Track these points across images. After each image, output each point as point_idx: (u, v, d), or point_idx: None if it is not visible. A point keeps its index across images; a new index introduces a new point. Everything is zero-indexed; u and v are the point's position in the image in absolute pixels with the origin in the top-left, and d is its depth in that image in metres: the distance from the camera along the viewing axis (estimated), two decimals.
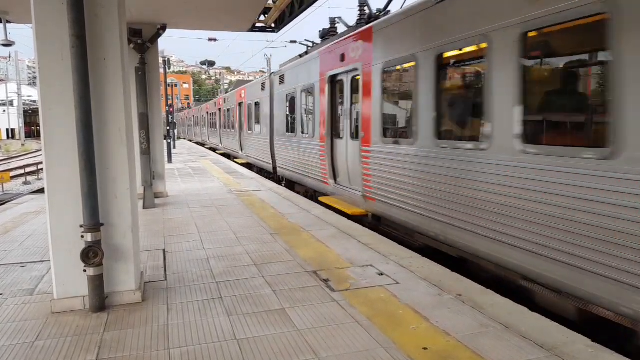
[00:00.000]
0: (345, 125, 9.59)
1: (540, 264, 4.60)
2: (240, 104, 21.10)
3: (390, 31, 7.49)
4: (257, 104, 17.37)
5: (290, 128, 13.16)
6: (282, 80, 13.99)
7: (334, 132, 10.22)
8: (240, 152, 21.30)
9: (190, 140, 46.62)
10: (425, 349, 3.57)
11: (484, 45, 5.30)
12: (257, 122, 17.42)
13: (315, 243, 6.62)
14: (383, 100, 7.77)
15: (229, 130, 24.70)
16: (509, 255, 4.99)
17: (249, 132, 18.92)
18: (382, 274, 5.24)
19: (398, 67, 7.34)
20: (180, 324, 4.08)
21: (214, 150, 30.49)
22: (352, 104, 9.29)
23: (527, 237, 4.72)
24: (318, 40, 13.81)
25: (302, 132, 12.07)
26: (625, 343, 4.03)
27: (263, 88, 16.44)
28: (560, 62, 4.87)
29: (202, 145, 37.63)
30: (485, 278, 5.55)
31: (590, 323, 4.32)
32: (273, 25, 11.44)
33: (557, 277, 4.43)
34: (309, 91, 11.56)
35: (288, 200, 10.21)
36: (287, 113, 13.32)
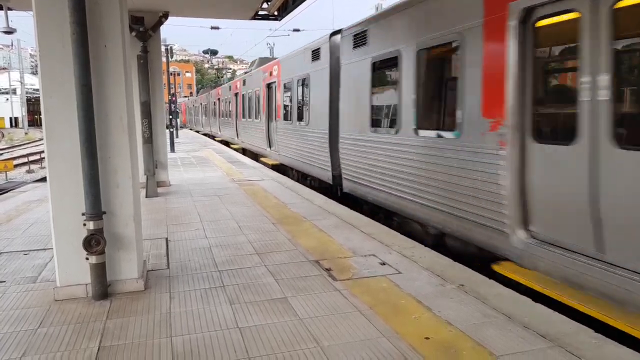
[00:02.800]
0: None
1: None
2: (270, 85, 16.06)
3: None
4: (302, 82, 12.24)
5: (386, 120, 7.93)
6: (362, 39, 8.45)
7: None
8: (268, 149, 16.45)
9: (199, 132, 41.61)
10: (427, 338, 3.56)
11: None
12: (303, 109, 12.40)
13: (318, 232, 6.61)
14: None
15: (249, 120, 19.71)
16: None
17: (287, 122, 13.91)
18: (384, 264, 5.23)
19: None
20: (182, 312, 4.08)
21: (227, 144, 26.10)
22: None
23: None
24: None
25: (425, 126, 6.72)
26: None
27: (316, 58, 11.24)
28: None
29: (213, 137, 32.82)
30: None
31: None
32: (276, 13, 11.31)
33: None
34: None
35: (291, 190, 10.19)
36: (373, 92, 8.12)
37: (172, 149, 20.73)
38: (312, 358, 3.32)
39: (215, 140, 30.21)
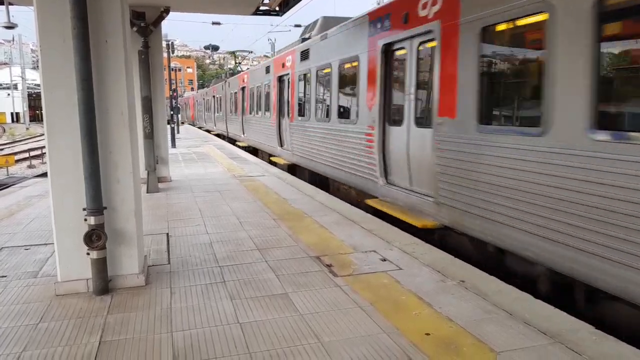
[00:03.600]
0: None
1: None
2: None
3: None
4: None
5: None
6: None
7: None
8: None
9: (211, 132, 33.38)
10: (427, 334, 3.56)
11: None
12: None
13: (319, 228, 6.61)
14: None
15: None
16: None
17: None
18: (385, 260, 5.23)
19: None
20: (183, 307, 4.09)
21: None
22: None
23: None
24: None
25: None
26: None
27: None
28: None
29: (231, 141, 26.25)
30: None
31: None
32: (277, 8, 11.28)
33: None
34: None
35: (292, 186, 10.19)
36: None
37: (173, 145, 20.73)
38: (312, 353, 3.32)
39: (238, 146, 21.03)
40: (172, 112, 27.27)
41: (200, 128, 42.19)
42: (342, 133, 9.56)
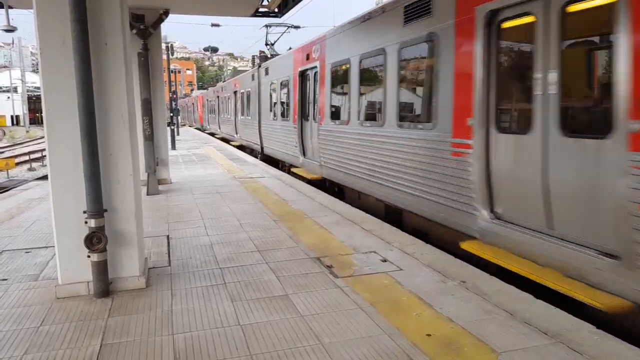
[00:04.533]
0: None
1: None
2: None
3: None
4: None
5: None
6: None
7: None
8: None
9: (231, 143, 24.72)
10: (428, 335, 3.56)
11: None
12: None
13: (319, 229, 6.61)
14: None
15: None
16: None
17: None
18: (385, 261, 5.23)
19: None
20: (184, 309, 4.09)
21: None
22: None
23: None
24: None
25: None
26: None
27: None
28: None
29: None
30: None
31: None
32: (276, 9, 11.30)
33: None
34: None
35: (291, 187, 10.19)
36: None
37: (173, 147, 20.74)
38: (313, 355, 3.32)
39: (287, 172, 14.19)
40: (171, 114, 27.27)
41: (212, 135, 31.56)
42: (408, 142, 6.94)
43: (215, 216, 7.53)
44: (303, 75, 12.26)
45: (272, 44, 20.15)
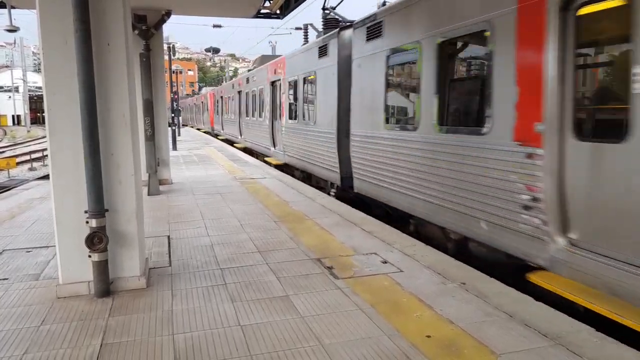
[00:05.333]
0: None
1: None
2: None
3: None
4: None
5: None
6: None
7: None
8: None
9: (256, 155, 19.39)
10: (428, 336, 3.57)
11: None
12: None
13: (319, 230, 6.62)
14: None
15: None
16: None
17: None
18: (385, 262, 5.24)
19: None
20: (184, 309, 4.09)
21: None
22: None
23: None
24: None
25: None
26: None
27: None
28: None
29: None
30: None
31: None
32: (278, 11, 11.32)
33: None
34: None
35: (292, 188, 10.20)
36: None
37: (174, 147, 20.75)
38: (313, 356, 3.33)
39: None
40: (173, 115, 27.30)
41: (232, 144, 23.77)
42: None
43: (216, 217, 7.54)
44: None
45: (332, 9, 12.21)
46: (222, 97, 28.62)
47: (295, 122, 12.98)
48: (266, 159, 16.07)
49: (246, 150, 20.64)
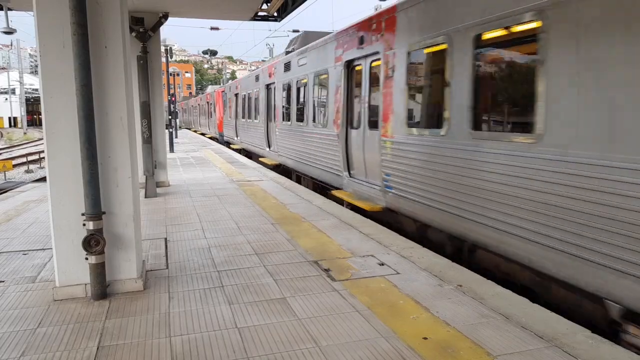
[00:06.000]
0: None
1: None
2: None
3: None
4: None
5: None
6: None
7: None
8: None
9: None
10: (425, 338, 3.58)
11: None
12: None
13: (317, 233, 6.63)
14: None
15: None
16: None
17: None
18: (382, 264, 5.25)
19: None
20: (181, 312, 4.10)
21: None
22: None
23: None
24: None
25: None
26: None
27: None
28: None
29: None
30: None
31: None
32: (275, 14, 11.35)
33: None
34: None
35: (290, 191, 10.21)
36: None
37: (172, 150, 20.73)
38: (310, 358, 3.33)
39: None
40: (170, 117, 27.29)
41: (249, 157, 19.17)
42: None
43: (213, 219, 7.54)
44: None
45: None
46: (237, 94, 21.66)
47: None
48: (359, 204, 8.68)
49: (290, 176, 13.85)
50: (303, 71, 12.13)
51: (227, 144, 25.70)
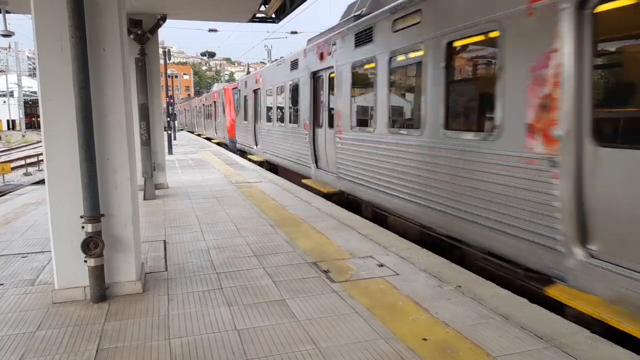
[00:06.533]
0: None
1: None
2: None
3: None
4: None
5: None
6: None
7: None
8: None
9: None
10: (424, 339, 3.58)
11: None
12: None
13: (316, 234, 6.63)
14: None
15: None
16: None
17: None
18: (382, 265, 5.25)
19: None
20: (180, 314, 4.09)
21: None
22: None
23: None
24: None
25: None
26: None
27: None
28: None
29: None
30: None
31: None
32: (274, 15, 11.36)
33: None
34: None
35: (288, 192, 10.21)
36: None
37: (170, 151, 20.72)
38: (309, 359, 3.33)
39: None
40: (168, 119, 27.28)
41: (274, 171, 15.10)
42: None
43: (212, 221, 7.53)
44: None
45: None
46: (257, 90, 17.43)
47: None
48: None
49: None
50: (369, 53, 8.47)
51: (241, 152, 21.19)
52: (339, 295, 4.45)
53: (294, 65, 12.78)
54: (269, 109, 15.89)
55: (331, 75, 10.21)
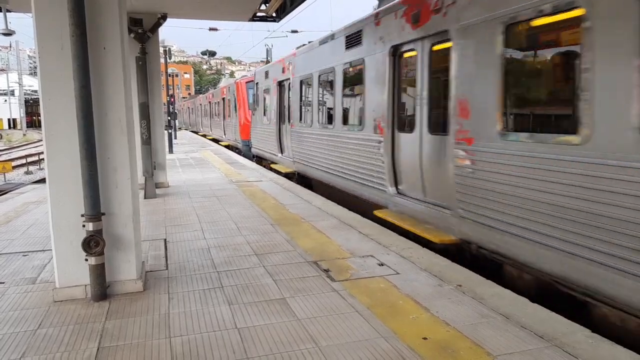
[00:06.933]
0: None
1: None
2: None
3: None
4: None
5: None
6: None
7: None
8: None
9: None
10: (425, 338, 3.58)
11: None
12: None
13: (316, 233, 6.63)
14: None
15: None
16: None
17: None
18: (382, 265, 5.25)
19: None
20: (181, 312, 4.10)
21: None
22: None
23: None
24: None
25: None
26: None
27: None
28: None
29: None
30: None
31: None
32: (274, 14, 11.36)
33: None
34: None
35: (289, 191, 10.21)
36: None
37: (171, 150, 20.74)
38: (310, 358, 3.34)
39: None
40: (169, 118, 27.28)
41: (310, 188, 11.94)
42: None
43: (212, 220, 7.54)
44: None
45: None
46: (283, 82, 14.28)
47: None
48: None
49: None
50: None
51: (258, 158, 17.58)
52: (339, 294, 4.45)
53: (354, 39, 8.81)
54: (305, 105, 11.95)
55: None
